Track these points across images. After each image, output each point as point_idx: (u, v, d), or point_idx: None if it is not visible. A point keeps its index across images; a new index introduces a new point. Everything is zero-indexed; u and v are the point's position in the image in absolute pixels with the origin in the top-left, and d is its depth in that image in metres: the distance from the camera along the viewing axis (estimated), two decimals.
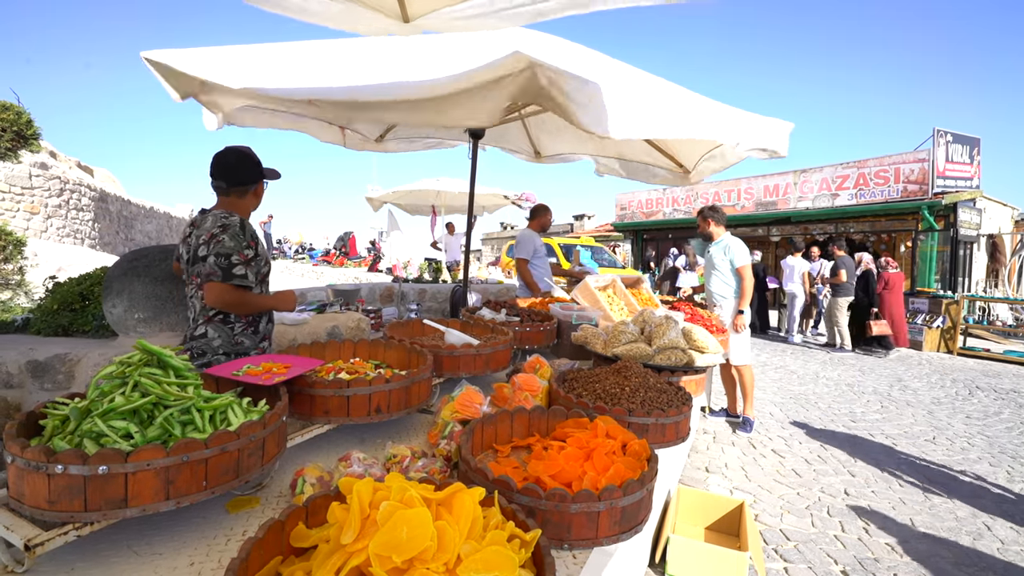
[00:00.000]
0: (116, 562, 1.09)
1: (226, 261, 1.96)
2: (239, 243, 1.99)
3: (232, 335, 2.08)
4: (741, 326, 4.31)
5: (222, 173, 2.08)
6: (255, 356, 1.85)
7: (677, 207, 18.46)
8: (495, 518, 0.99)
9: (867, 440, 4.57)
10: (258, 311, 2.15)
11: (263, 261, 2.15)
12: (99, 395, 1.18)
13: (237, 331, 2.10)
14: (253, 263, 2.06)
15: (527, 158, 4.95)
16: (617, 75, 2.49)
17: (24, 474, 1.00)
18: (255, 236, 2.10)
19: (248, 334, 2.13)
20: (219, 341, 2.06)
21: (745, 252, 4.42)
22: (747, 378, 4.50)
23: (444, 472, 1.44)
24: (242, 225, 2.04)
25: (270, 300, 2.18)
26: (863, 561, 2.69)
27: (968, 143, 12.57)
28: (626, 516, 1.21)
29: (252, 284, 2.05)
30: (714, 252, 4.51)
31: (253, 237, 2.08)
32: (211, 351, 2.05)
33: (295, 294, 2.31)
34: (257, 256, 2.09)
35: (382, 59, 2.13)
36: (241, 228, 2.03)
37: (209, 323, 2.07)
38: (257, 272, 2.10)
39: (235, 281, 1.97)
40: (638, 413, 1.75)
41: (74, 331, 3.59)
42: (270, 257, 2.34)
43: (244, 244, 2.02)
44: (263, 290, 2.20)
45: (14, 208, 9.72)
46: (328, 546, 0.88)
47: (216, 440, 1.11)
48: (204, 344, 2.05)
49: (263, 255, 2.14)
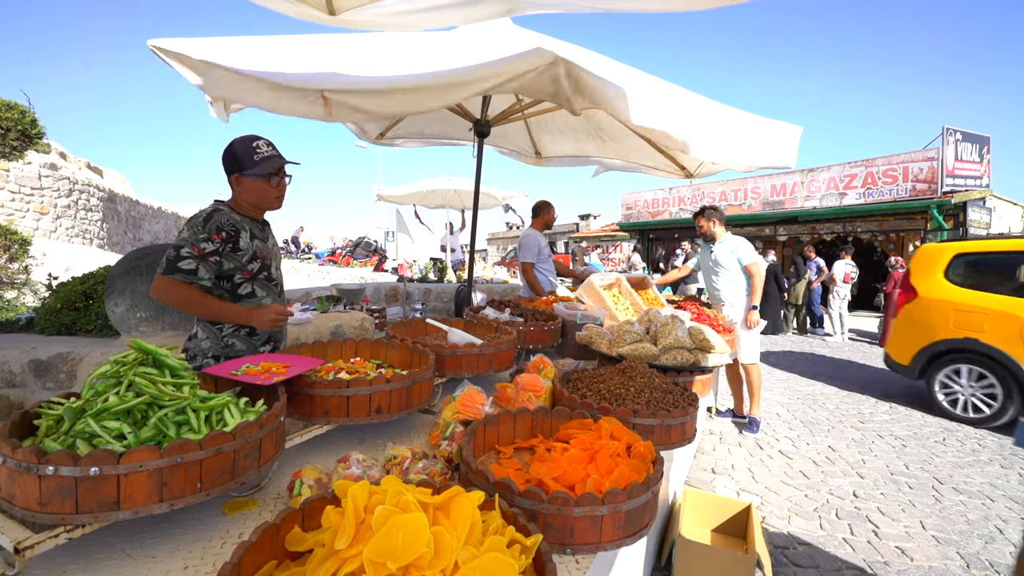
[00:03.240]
0: (109, 565, 1.06)
1: (174, 252, 1.80)
2: (195, 234, 1.83)
3: (220, 336, 1.97)
4: (755, 323, 4.26)
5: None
6: (255, 356, 1.82)
7: (683, 207, 18.39)
8: (495, 522, 0.96)
9: (876, 441, 4.51)
10: (213, 317, 1.94)
11: (247, 257, 1.95)
12: (94, 395, 1.16)
13: (226, 332, 1.98)
14: (215, 258, 1.86)
15: (528, 159, 4.94)
16: (626, 73, 2.47)
17: (15, 475, 0.98)
18: (229, 228, 1.90)
19: (241, 336, 2.00)
20: (208, 343, 1.96)
21: (751, 249, 4.39)
22: (754, 377, 4.46)
23: (445, 474, 1.42)
24: (207, 216, 1.87)
25: (235, 310, 1.93)
26: (872, 564, 2.64)
27: (978, 141, 12.43)
28: (630, 520, 1.18)
29: (203, 280, 1.85)
30: (720, 252, 4.44)
31: (223, 229, 1.88)
32: (201, 354, 1.95)
33: (283, 311, 2.00)
34: (236, 251, 1.91)
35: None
36: (204, 220, 1.86)
37: (200, 323, 1.98)
38: (238, 269, 1.93)
39: (178, 275, 1.80)
40: (643, 414, 1.72)
41: (77, 330, 3.59)
42: (275, 256, 2.16)
43: (201, 236, 1.83)
44: (257, 291, 2.02)
45: (24, 208, 9.80)
46: (323, 551, 0.86)
47: (211, 441, 1.09)
48: (195, 346, 1.97)
49: (248, 250, 1.95)
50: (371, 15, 1.87)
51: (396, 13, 1.92)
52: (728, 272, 4.41)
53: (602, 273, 4.79)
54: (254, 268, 1.99)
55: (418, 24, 1.96)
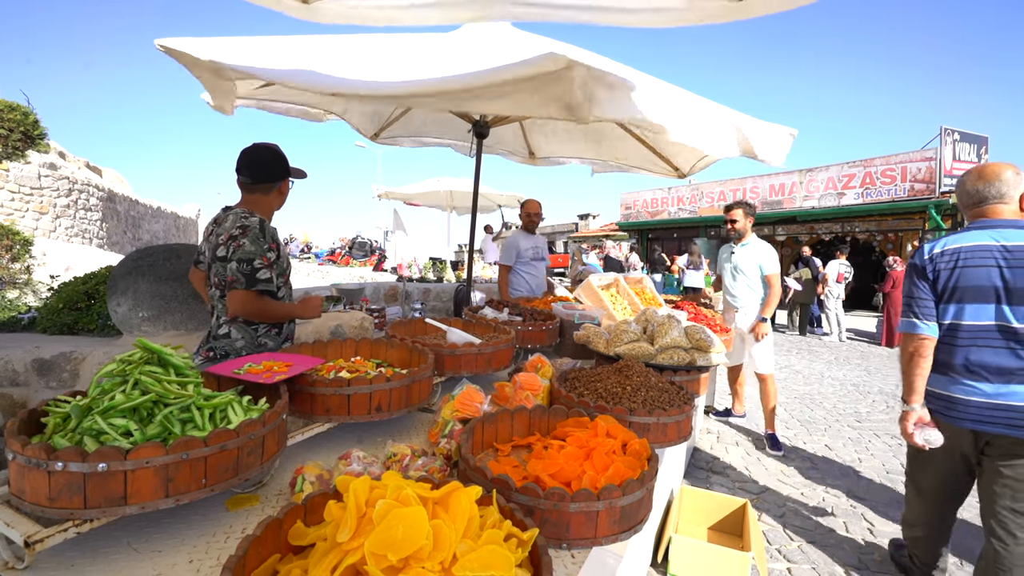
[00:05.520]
0: (116, 559, 1.09)
1: (248, 267, 1.91)
2: (260, 246, 1.94)
3: (255, 336, 2.07)
4: (762, 334, 4.07)
5: (248, 168, 2.05)
6: (256, 355, 1.85)
7: (682, 206, 18.41)
8: (492, 517, 0.99)
9: (873, 440, 4.54)
10: (281, 319, 2.11)
11: (285, 262, 2.12)
12: (100, 393, 1.19)
13: (260, 332, 2.08)
14: (275, 265, 2.02)
15: (521, 159, 4.96)
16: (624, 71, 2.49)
17: (25, 471, 1.01)
18: (275, 237, 2.05)
19: (272, 335, 2.12)
20: (242, 342, 2.04)
21: (776, 258, 4.14)
22: (770, 388, 4.17)
23: (444, 471, 1.44)
24: (262, 227, 1.99)
25: (295, 308, 2.14)
26: (867, 562, 2.67)
27: (976, 141, 12.47)
28: (625, 515, 1.20)
29: (276, 288, 2.02)
30: (742, 255, 4.18)
31: (273, 238, 2.03)
32: (234, 352, 2.02)
33: (321, 300, 2.25)
34: (279, 258, 2.06)
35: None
36: (261, 230, 1.97)
37: (232, 323, 2.05)
38: (280, 274, 2.07)
39: (259, 287, 1.93)
40: (639, 412, 1.74)
41: (79, 330, 3.62)
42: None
43: (265, 247, 1.96)
44: (286, 292, 2.17)
45: (23, 208, 9.81)
46: (325, 544, 0.88)
47: (215, 438, 1.11)
48: (227, 344, 2.03)
49: (285, 256, 2.12)
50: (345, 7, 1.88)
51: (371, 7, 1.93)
52: (746, 278, 4.17)
53: (600, 273, 4.81)
54: (288, 272, 2.16)
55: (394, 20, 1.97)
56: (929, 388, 2.05)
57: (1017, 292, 1.82)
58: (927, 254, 2.04)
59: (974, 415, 1.91)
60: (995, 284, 1.85)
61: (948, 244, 1.99)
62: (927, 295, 2.02)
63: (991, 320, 1.87)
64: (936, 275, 1.99)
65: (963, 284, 1.92)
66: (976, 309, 1.89)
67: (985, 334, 1.88)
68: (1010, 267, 1.83)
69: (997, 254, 1.86)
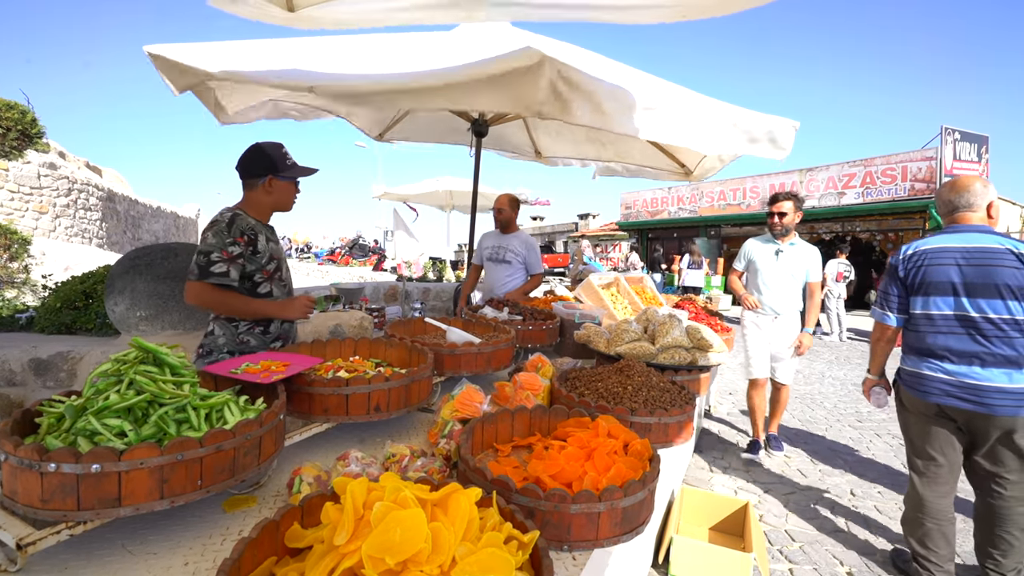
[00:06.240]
0: (110, 561, 1.08)
1: (204, 259, 1.89)
2: (222, 239, 1.91)
3: (236, 333, 2.05)
4: (807, 348, 3.76)
5: (237, 165, 2.06)
6: (255, 354, 1.83)
7: (682, 206, 18.40)
8: (492, 519, 0.97)
9: (874, 440, 4.53)
10: (248, 315, 2.05)
11: (265, 259, 2.05)
12: (95, 393, 1.17)
13: (241, 329, 2.06)
14: (241, 260, 1.96)
15: (528, 157, 4.94)
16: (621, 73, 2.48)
17: (17, 472, 0.99)
18: (249, 232, 1.99)
19: (255, 333, 2.08)
20: (224, 339, 2.04)
21: (820, 264, 3.85)
22: (785, 396, 3.99)
23: (443, 472, 1.43)
24: (231, 221, 1.95)
25: (270, 306, 2.06)
26: (869, 562, 2.65)
27: (976, 141, 12.46)
28: (627, 517, 1.19)
29: (234, 283, 1.95)
30: (790, 256, 3.74)
31: (244, 233, 1.97)
32: (216, 349, 2.03)
33: (309, 300, 2.15)
34: (255, 254, 2.01)
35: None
36: (228, 224, 1.94)
37: (216, 320, 2.06)
38: (258, 269, 2.02)
39: (212, 279, 1.89)
40: (640, 412, 1.73)
41: (77, 329, 3.60)
42: (283, 257, 2.26)
43: (228, 240, 1.93)
44: (274, 290, 2.11)
45: (23, 208, 9.80)
46: (322, 547, 0.87)
47: (211, 439, 1.10)
48: (211, 342, 2.04)
49: (265, 252, 2.05)
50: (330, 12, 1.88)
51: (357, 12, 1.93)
52: (792, 280, 3.75)
53: (600, 272, 4.79)
54: (271, 268, 2.10)
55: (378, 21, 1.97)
56: (904, 367, 2.40)
57: (973, 286, 2.12)
58: (901, 255, 2.36)
59: (939, 389, 2.21)
60: (952, 280, 2.17)
61: (918, 247, 2.30)
62: (896, 291, 2.35)
63: (951, 310, 2.18)
64: (907, 274, 2.31)
65: (927, 280, 2.24)
66: (939, 301, 2.21)
67: (948, 322, 2.19)
68: (969, 265, 2.14)
69: (957, 254, 2.17)
